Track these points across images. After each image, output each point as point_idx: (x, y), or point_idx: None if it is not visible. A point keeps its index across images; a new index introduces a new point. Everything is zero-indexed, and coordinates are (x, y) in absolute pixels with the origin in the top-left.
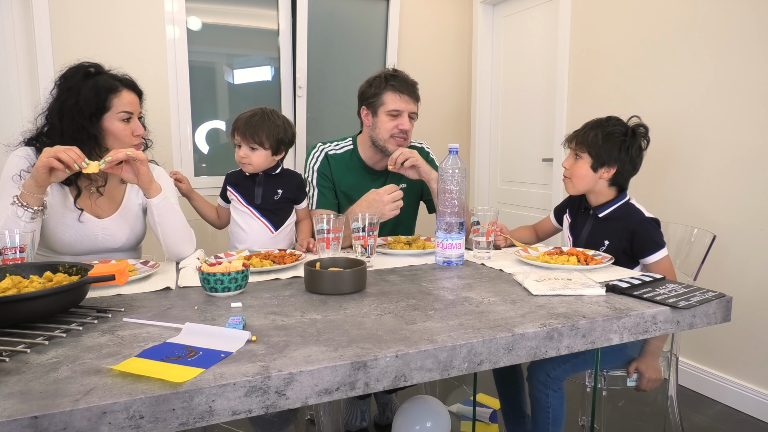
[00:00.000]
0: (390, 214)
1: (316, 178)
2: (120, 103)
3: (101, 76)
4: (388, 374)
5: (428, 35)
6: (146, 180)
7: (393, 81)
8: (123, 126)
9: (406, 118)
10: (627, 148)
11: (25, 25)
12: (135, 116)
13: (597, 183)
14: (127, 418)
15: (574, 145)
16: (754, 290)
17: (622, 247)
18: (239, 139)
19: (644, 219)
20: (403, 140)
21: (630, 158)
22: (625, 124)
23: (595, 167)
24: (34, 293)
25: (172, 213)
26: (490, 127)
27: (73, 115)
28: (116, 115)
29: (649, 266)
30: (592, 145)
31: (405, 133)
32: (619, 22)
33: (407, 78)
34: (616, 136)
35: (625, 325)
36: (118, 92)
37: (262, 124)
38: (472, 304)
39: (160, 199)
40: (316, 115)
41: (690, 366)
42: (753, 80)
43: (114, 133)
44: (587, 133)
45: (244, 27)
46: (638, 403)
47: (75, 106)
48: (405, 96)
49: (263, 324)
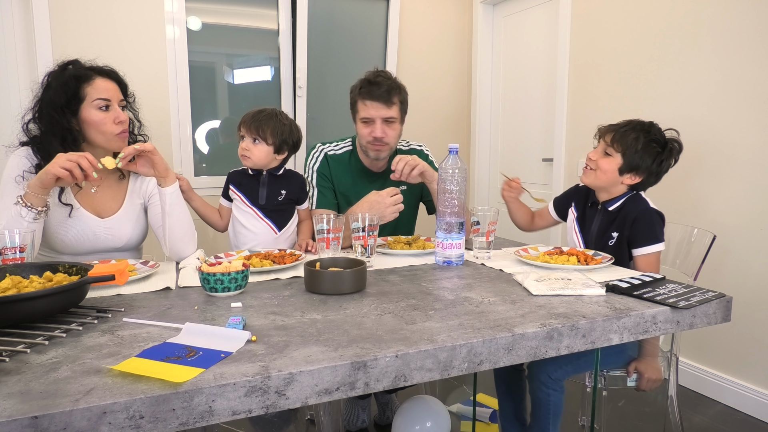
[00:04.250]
0: (391, 216)
1: (315, 178)
2: (94, 91)
3: (75, 68)
4: (388, 374)
5: (428, 35)
6: (162, 168)
7: (365, 87)
8: (102, 114)
9: (378, 125)
10: (660, 162)
11: (25, 26)
12: (114, 103)
13: (617, 186)
14: (127, 418)
15: (609, 139)
16: (754, 290)
17: (626, 235)
18: (244, 131)
19: (648, 209)
20: (378, 148)
21: (658, 172)
22: (665, 136)
23: (622, 170)
24: (34, 293)
25: (181, 205)
26: (490, 127)
27: (48, 110)
28: (92, 104)
29: (638, 258)
30: (629, 148)
31: (379, 140)
32: (619, 21)
33: (382, 83)
34: (654, 147)
35: (625, 325)
36: (90, 80)
37: (269, 120)
38: (472, 304)
39: (174, 189)
40: (316, 115)
41: (690, 366)
42: (753, 80)
43: (93, 122)
44: (627, 133)
45: (244, 27)
46: (638, 403)
47: (49, 101)
48: (375, 102)
49: (263, 324)
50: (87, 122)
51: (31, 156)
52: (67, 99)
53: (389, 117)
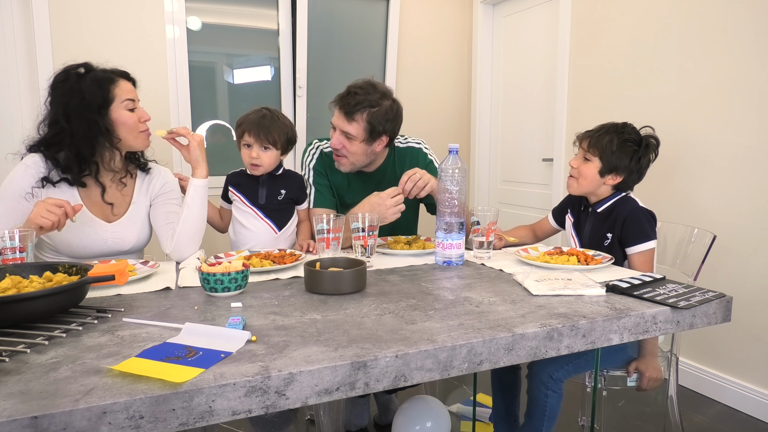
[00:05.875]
0: (392, 217)
1: (312, 176)
2: (121, 92)
3: (95, 71)
4: (388, 374)
5: (428, 35)
6: (194, 157)
7: (342, 93)
8: (129, 114)
9: (336, 134)
10: (638, 159)
11: (25, 26)
12: (137, 103)
13: (600, 187)
14: (127, 418)
15: (586, 145)
16: (754, 290)
17: (617, 234)
18: (251, 139)
19: (637, 208)
20: (336, 157)
21: (639, 169)
22: (639, 134)
23: (603, 173)
24: (34, 293)
25: (202, 202)
26: (490, 127)
27: (81, 112)
28: (121, 105)
29: (632, 257)
30: (604, 151)
31: (336, 150)
32: (619, 21)
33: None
34: (630, 146)
35: (625, 325)
36: (116, 82)
37: (274, 123)
38: (472, 304)
39: (200, 182)
40: (316, 115)
41: (690, 366)
42: (753, 80)
43: (123, 122)
44: (602, 137)
45: (244, 27)
46: (638, 403)
47: (81, 103)
48: (339, 112)
49: (263, 324)
50: (117, 122)
51: (39, 164)
52: (103, 100)
53: (347, 132)
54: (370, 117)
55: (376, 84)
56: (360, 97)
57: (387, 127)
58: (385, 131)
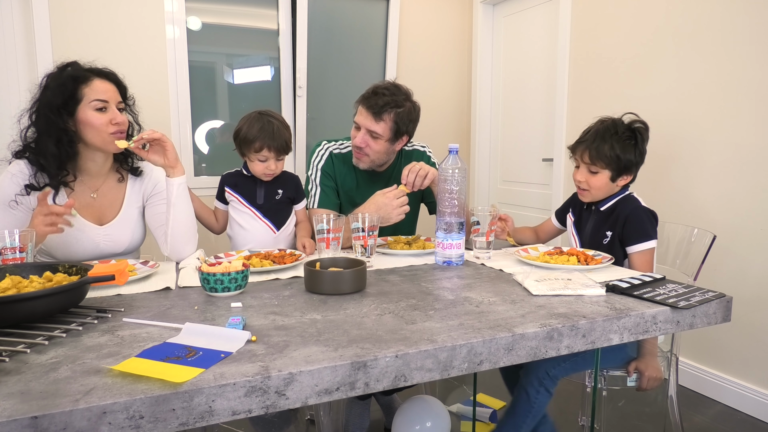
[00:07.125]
0: (397, 218)
1: (319, 177)
2: (92, 92)
3: (73, 69)
4: (388, 374)
5: (428, 35)
6: (173, 158)
7: (367, 94)
8: (98, 115)
9: (361, 132)
10: (639, 149)
11: (25, 26)
12: (112, 105)
13: (615, 189)
14: (127, 418)
15: (588, 159)
16: (754, 290)
17: (618, 233)
18: (271, 153)
19: (639, 207)
20: (357, 155)
21: (642, 156)
22: (626, 125)
23: (614, 178)
24: (34, 293)
25: (187, 200)
26: (490, 127)
27: (44, 111)
28: (89, 105)
29: (632, 255)
30: (610, 160)
31: (359, 148)
32: (619, 21)
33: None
34: (628, 141)
35: (625, 325)
36: (88, 81)
37: (282, 131)
38: (472, 304)
39: (181, 180)
40: (316, 115)
41: (690, 366)
42: (753, 80)
43: (89, 123)
44: (601, 147)
45: (244, 27)
46: (638, 403)
47: (46, 102)
48: (367, 111)
49: (263, 324)
50: (83, 123)
51: (24, 172)
52: (64, 99)
53: (373, 131)
54: (396, 117)
55: (399, 85)
56: (387, 97)
57: (410, 128)
58: (407, 131)
